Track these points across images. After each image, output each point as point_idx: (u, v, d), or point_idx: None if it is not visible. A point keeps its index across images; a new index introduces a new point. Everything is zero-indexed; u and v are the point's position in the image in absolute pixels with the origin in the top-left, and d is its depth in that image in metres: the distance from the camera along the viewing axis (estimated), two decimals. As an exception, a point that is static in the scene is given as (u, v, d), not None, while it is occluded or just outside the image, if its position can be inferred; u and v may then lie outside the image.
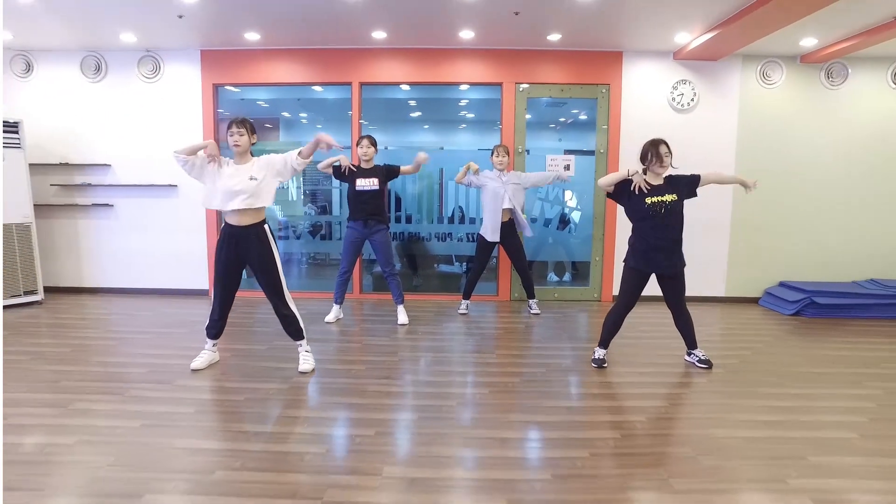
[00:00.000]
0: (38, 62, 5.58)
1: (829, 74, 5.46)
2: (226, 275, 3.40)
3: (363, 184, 4.51)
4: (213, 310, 3.50)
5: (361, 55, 5.52)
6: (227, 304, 3.50)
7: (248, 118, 3.37)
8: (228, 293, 3.47)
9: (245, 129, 3.31)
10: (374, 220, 4.55)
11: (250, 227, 3.32)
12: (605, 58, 5.50)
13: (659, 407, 3.07)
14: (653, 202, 3.48)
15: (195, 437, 2.65)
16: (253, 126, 3.36)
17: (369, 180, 4.51)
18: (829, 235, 5.68)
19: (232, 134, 3.29)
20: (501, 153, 4.87)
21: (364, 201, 4.52)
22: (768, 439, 2.65)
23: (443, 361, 3.82)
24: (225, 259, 3.36)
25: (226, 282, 3.42)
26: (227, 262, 3.36)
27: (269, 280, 3.39)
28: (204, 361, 3.57)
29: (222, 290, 3.44)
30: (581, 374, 3.58)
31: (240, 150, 3.33)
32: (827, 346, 4.25)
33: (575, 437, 2.67)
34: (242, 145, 3.31)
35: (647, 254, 3.53)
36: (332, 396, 3.18)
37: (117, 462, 2.36)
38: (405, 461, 2.44)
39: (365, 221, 4.55)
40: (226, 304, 3.50)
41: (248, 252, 3.34)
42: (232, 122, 3.30)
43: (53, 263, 5.81)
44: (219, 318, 3.51)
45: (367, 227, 4.56)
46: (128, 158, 5.73)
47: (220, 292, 3.45)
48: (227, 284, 3.44)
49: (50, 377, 3.37)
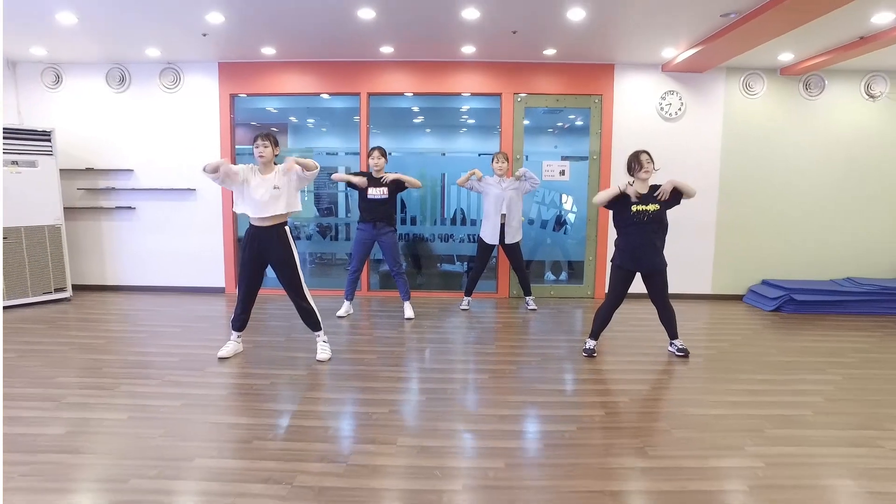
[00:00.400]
0: (66, 74, 5.95)
1: (807, 86, 5.84)
2: (250, 272, 3.76)
3: (374, 193, 4.92)
4: (238, 305, 3.87)
5: (370, 67, 5.89)
6: (250, 299, 3.87)
7: (272, 132, 3.74)
8: (252, 290, 3.83)
9: (269, 142, 3.68)
10: (382, 223, 4.94)
11: (272, 227, 3.69)
12: (597, 70, 5.87)
13: (641, 390, 3.43)
14: (637, 210, 3.86)
15: (230, 414, 3.02)
16: (276, 139, 3.73)
17: (379, 189, 4.91)
18: (808, 236, 6.05)
19: (258, 146, 3.66)
20: (501, 160, 5.24)
21: (374, 208, 4.93)
22: (733, 416, 3.02)
23: (446, 351, 4.18)
24: (249, 258, 3.72)
25: (250, 279, 3.79)
26: (251, 260, 3.73)
27: (289, 276, 3.75)
28: (230, 351, 3.94)
29: (246, 286, 3.81)
30: (573, 362, 3.95)
31: (264, 161, 3.69)
32: (799, 339, 4.62)
33: (565, 414, 3.04)
34: (266, 156, 3.68)
35: (632, 254, 3.91)
36: (348, 381, 3.55)
37: (167, 434, 2.73)
38: (416, 433, 2.80)
39: (374, 224, 4.93)
40: (249, 299, 3.86)
41: (269, 251, 3.70)
42: (258, 136, 3.67)
43: (79, 263, 6.18)
44: (242, 312, 3.88)
45: (376, 229, 4.95)
46: (149, 164, 6.10)
47: (245, 289, 3.81)
48: (251, 281, 3.80)
49: (93, 364, 3.74)
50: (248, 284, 3.81)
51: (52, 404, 3.06)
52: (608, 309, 4.05)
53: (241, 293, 3.85)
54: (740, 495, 2.25)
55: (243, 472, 2.38)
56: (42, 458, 2.46)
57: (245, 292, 3.83)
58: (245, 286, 3.82)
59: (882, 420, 2.98)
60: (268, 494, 2.21)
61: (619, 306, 4.04)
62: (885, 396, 3.34)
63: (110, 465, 2.43)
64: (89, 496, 2.23)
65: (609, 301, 4.05)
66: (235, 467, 2.43)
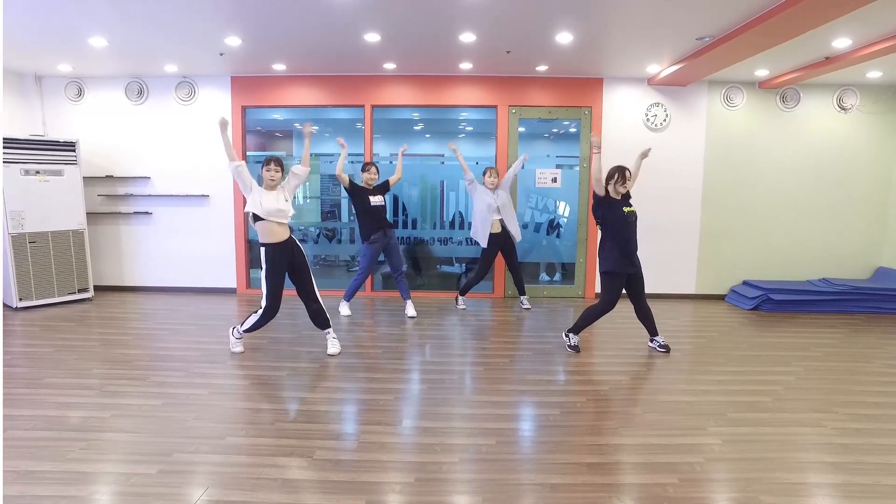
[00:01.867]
0: (88, 88, 6.32)
1: (784, 98, 6.22)
2: (281, 282, 4.05)
3: (376, 200, 5.34)
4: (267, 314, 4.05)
5: (373, 81, 6.26)
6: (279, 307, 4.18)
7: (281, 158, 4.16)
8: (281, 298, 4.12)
9: (281, 168, 4.06)
10: (390, 228, 5.41)
11: (290, 239, 4.06)
12: (587, 84, 6.25)
13: (621, 380, 3.81)
14: (628, 211, 4.23)
15: (253, 401, 3.39)
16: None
17: (377, 197, 5.35)
18: (786, 239, 6.43)
19: (270, 170, 4.00)
20: (493, 174, 5.63)
21: (379, 214, 5.36)
22: (700, 402, 3.39)
23: (445, 346, 4.56)
24: (280, 270, 4.01)
25: (281, 288, 4.06)
26: (282, 271, 4.03)
27: (307, 280, 4.11)
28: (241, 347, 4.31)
29: (279, 296, 4.06)
30: (561, 356, 4.32)
31: (274, 184, 4.03)
32: (771, 335, 5.00)
33: (550, 400, 3.41)
34: (277, 180, 4.04)
35: (628, 256, 4.23)
36: (356, 372, 3.92)
37: (199, 417, 3.11)
38: (418, 416, 3.18)
39: (385, 231, 5.35)
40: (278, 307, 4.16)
41: (293, 259, 4.06)
42: (272, 160, 4.02)
43: (99, 265, 6.54)
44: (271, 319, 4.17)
45: (387, 236, 5.37)
46: (165, 171, 6.47)
47: (278, 299, 4.05)
48: (281, 290, 4.08)
49: (123, 358, 4.11)
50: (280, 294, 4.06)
51: (93, 392, 3.43)
52: (600, 314, 4.32)
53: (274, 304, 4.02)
54: (697, 466, 2.62)
55: (269, 448, 2.76)
56: (95, 437, 2.83)
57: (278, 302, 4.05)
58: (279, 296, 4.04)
59: (831, 405, 3.36)
60: (293, 465, 2.59)
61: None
62: (839, 385, 3.72)
63: (155, 441, 2.80)
64: (142, 466, 2.59)
65: (603, 307, 4.26)
66: (262, 444, 2.80)
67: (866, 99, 6.18)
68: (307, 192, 7.41)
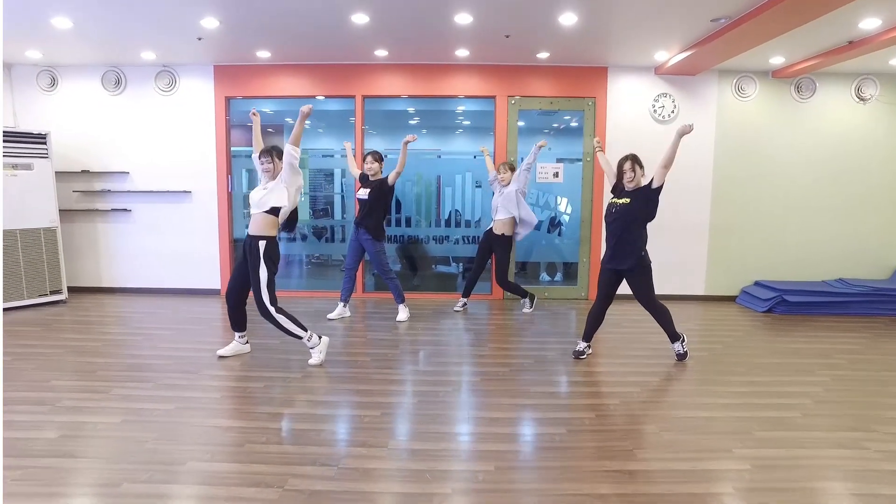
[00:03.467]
0: (62, 77, 5.96)
1: (799, 88, 5.88)
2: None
3: (361, 193, 5.01)
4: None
5: (364, 70, 5.91)
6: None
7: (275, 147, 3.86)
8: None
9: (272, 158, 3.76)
10: (362, 227, 4.98)
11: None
12: (590, 73, 5.90)
13: (632, 392, 3.46)
14: (611, 202, 3.97)
15: (224, 418, 3.04)
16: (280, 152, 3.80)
17: (365, 190, 4.97)
18: (800, 237, 6.09)
19: (263, 162, 3.76)
20: (502, 170, 5.31)
21: (361, 209, 5.05)
22: (722, 419, 3.05)
23: (440, 354, 4.21)
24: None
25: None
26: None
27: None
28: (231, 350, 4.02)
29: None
30: (565, 364, 3.98)
31: (271, 175, 3.78)
32: (791, 340, 4.66)
33: (556, 416, 3.07)
34: (272, 171, 3.77)
35: (608, 251, 3.98)
36: (341, 383, 3.57)
37: (161, 437, 2.75)
38: (408, 436, 2.83)
39: (356, 227, 5.03)
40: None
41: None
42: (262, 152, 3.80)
43: (75, 264, 6.18)
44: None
45: (358, 233, 5.03)
46: (145, 166, 6.11)
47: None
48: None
49: (88, 367, 3.75)
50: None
51: (46, 408, 3.07)
52: (595, 309, 4.06)
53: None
54: (727, 498, 2.28)
55: (235, 476, 2.41)
56: (35, 463, 2.48)
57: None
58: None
59: (868, 421, 3.02)
60: (259, 498, 2.24)
61: (608, 307, 4.04)
62: (872, 398, 3.38)
63: (103, 469, 2.45)
64: (81, 501, 2.25)
65: (595, 301, 4.07)
66: (227, 471, 2.45)
67: (887, 89, 5.84)
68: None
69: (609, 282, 3.97)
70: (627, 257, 3.85)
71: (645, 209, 3.86)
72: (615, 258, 3.89)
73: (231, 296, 3.94)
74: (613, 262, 3.91)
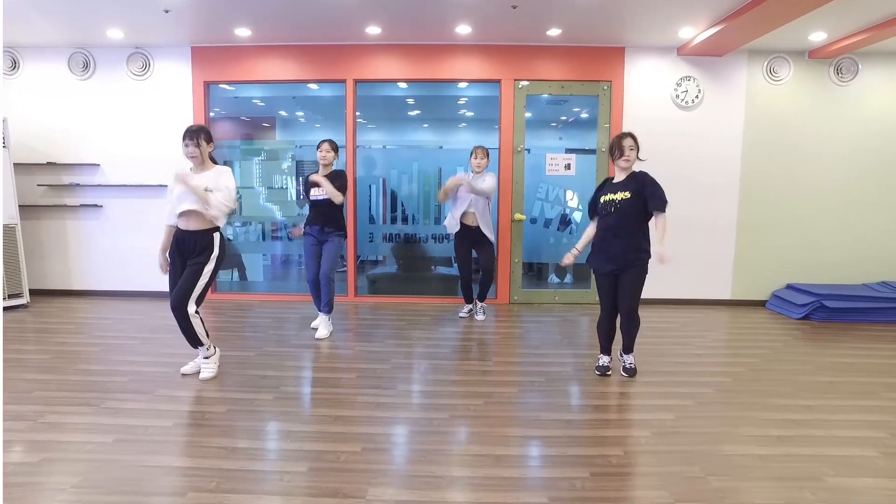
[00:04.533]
0: (24, 59, 5.43)
1: (839, 70, 5.28)
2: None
3: (316, 193, 4.25)
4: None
5: (355, 51, 5.36)
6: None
7: (202, 126, 3.32)
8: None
9: (197, 140, 3.23)
10: (330, 227, 4.29)
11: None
12: (606, 54, 5.33)
13: (665, 420, 2.89)
14: (606, 200, 3.38)
15: (169, 455, 2.49)
16: (209, 134, 3.30)
17: (321, 189, 4.21)
18: (837, 236, 5.50)
19: (188, 145, 3.26)
20: (479, 155, 4.71)
21: (319, 211, 4.29)
22: (781, 457, 2.48)
23: (437, 370, 3.65)
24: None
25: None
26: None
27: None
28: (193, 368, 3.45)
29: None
30: (582, 383, 3.42)
31: (197, 161, 3.27)
32: (839, 353, 4.08)
33: (575, 454, 2.51)
34: (197, 156, 3.25)
35: (598, 253, 3.45)
36: (319, 408, 3.02)
37: (83, 483, 2.20)
38: (392, 480, 2.27)
39: (321, 228, 4.30)
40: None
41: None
42: (186, 133, 3.26)
43: (40, 265, 5.67)
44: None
45: (323, 234, 4.30)
46: (117, 158, 5.58)
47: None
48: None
49: (24, 387, 3.21)
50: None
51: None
52: (603, 320, 3.55)
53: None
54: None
55: (164, 543, 1.86)
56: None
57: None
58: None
59: (964, 463, 2.44)
60: (188, 579, 1.69)
61: (616, 315, 3.50)
62: (958, 429, 2.80)
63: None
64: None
65: (603, 313, 3.54)
66: (156, 534, 1.91)
67: (939, 70, 5.25)
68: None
69: (608, 288, 3.45)
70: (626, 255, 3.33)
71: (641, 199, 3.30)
72: (616, 259, 3.34)
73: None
74: (612, 264, 3.36)
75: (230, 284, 6.08)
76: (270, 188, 5.92)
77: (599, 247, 3.44)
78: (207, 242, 3.28)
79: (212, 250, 3.28)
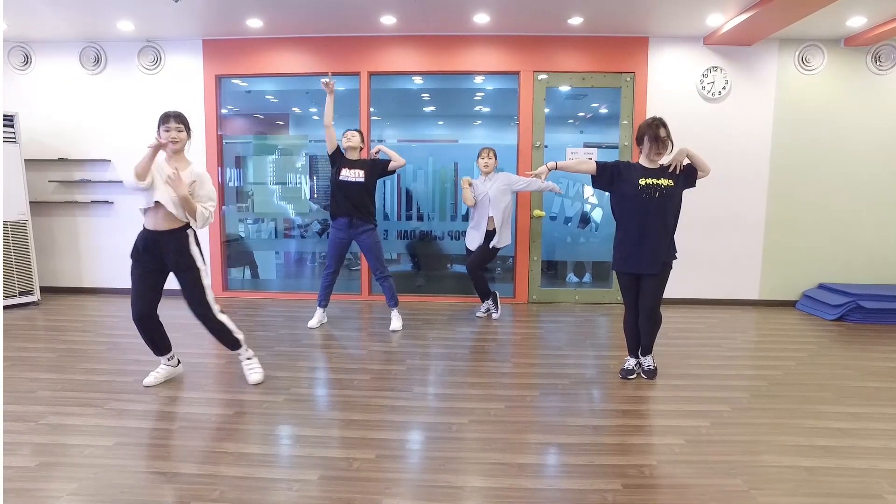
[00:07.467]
0: (36, 54, 5.37)
1: (877, 58, 5.02)
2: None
3: (348, 174, 4.14)
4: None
5: (370, 43, 5.21)
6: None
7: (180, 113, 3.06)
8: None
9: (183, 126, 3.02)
10: (359, 218, 4.17)
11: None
12: (629, 44, 5.12)
13: (698, 427, 2.70)
14: (647, 183, 3.08)
15: (172, 459, 2.35)
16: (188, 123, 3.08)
17: (354, 171, 4.13)
18: (873, 234, 5.23)
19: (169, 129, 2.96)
20: (487, 156, 4.55)
21: (348, 195, 4.15)
22: (831, 470, 2.27)
23: (454, 371, 3.48)
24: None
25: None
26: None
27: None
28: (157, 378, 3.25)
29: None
30: (607, 386, 3.23)
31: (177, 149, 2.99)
32: (881, 357, 3.84)
33: (603, 463, 2.33)
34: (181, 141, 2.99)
35: (630, 248, 3.15)
36: (331, 411, 2.88)
37: (79, 490, 2.08)
38: (408, 492, 2.11)
39: (350, 220, 4.18)
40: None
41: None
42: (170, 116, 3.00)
43: (51, 262, 5.60)
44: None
45: (353, 227, 4.19)
46: (129, 153, 5.38)
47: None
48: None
49: (27, 386, 3.11)
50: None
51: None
52: (631, 322, 3.34)
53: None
54: None
55: (161, 558, 1.72)
56: None
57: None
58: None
59: None
60: None
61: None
62: None
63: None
64: None
65: (627, 312, 3.34)
66: (154, 548, 1.77)
67: (984, 58, 4.97)
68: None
69: (633, 287, 3.25)
70: (662, 254, 3.12)
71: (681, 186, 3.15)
72: (652, 256, 3.10)
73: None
74: (642, 264, 3.13)
75: (242, 282, 5.97)
76: (283, 184, 5.80)
77: (633, 237, 3.12)
78: (183, 245, 2.99)
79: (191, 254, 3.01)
